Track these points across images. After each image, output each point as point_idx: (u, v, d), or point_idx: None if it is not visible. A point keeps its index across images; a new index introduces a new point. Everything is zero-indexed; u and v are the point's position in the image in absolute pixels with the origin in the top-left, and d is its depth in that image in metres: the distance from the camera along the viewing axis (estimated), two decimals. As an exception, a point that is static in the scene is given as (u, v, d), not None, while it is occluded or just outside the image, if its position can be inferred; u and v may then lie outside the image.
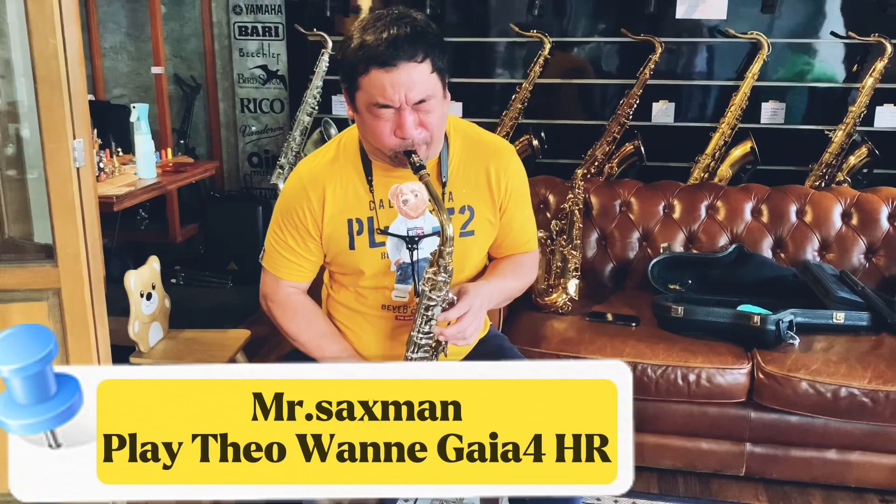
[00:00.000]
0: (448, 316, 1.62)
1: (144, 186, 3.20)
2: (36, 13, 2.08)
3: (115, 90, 4.71)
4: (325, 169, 1.74)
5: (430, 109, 1.56)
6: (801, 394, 2.44)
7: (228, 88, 4.51)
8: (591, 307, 2.88)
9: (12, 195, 2.52)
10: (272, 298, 1.82)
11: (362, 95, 1.56)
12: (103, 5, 4.61)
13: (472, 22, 3.97)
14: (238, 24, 4.35)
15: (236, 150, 4.55)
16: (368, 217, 1.72)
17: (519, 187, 1.81)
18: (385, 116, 1.55)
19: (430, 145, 1.62)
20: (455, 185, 1.74)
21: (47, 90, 2.13)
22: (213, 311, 3.95)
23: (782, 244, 3.04)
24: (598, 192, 3.18)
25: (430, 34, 1.55)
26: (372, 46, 1.50)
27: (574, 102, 3.97)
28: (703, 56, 3.78)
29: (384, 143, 1.59)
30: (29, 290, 2.26)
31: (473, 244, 1.78)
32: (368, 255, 1.73)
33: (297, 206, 1.73)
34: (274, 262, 1.80)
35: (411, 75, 1.51)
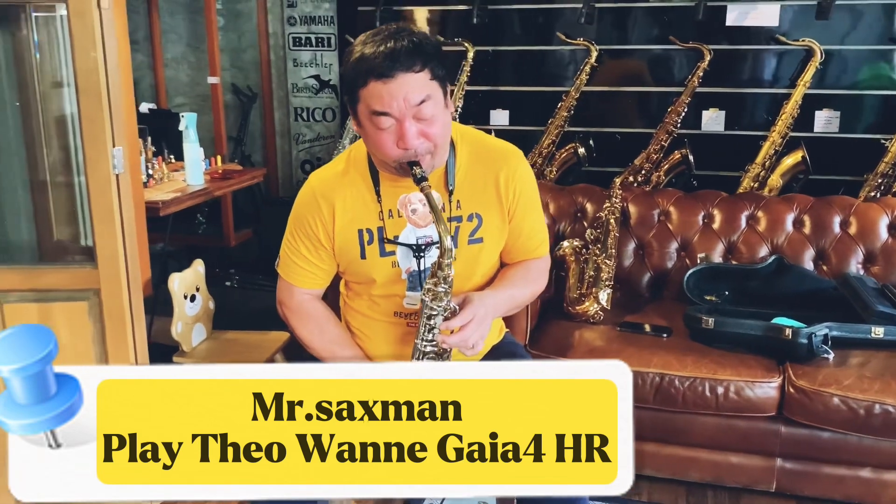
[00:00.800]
0: (450, 325, 1.63)
1: (191, 192, 3.31)
2: (78, 27, 2.20)
3: (176, 99, 4.89)
4: (335, 180, 1.78)
5: (430, 117, 1.58)
6: (832, 409, 2.38)
7: (283, 98, 4.63)
8: (624, 317, 2.86)
9: (61, 200, 2.66)
10: (286, 304, 1.88)
11: (363, 108, 1.59)
12: (166, 17, 4.79)
13: (518, 30, 3.98)
14: (292, 35, 4.47)
15: (290, 158, 4.67)
16: (378, 227, 1.75)
17: (527, 192, 1.81)
18: (386, 127, 1.58)
19: (434, 155, 1.64)
20: (463, 193, 1.76)
21: (88, 100, 2.25)
22: (262, 314, 4.04)
23: (824, 256, 2.97)
24: (636, 200, 3.16)
25: (428, 45, 1.58)
26: (370, 59, 1.54)
27: (621, 110, 3.94)
28: (755, 64, 3.71)
29: (387, 154, 1.61)
30: (71, 291, 2.38)
31: (482, 251, 1.79)
32: (379, 263, 1.77)
33: (309, 216, 1.78)
34: (288, 270, 1.85)
35: (409, 83, 1.54)
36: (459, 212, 1.76)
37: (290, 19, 4.45)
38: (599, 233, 3.01)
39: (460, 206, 1.76)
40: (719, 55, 3.63)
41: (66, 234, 2.70)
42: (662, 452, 2.61)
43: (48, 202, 2.69)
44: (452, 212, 1.75)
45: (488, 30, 3.96)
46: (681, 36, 3.67)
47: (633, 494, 2.63)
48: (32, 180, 2.69)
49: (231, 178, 3.62)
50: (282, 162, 4.70)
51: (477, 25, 3.92)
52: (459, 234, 1.76)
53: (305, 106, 4.56)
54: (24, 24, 2.59)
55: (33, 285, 2.39)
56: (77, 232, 2.66)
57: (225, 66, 4.68)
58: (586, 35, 3.78)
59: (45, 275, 2.40)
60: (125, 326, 2.42)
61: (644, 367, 2.52)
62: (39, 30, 2.59)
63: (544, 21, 3.92)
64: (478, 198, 1.77)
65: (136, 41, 4.75)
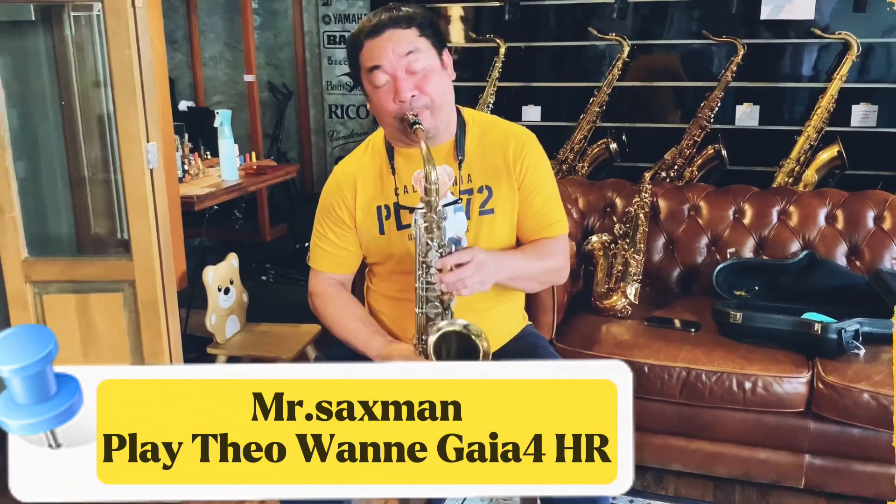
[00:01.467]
0: (446, 261, 1.59)
1: (226, 188, 3.38)
2: (113, 25, 2.27)
3: (214, 97, 4.99)
4: (355, 165, 1.89)
5: (422, 70, 1.69)
6: (861, 405, 2.35)
7: (318, 95, 4.69)
8: (653, 312, 2.85)
9: (98, 195, 2.74)
10: (315, 292, 1.93)
11: (363, 74, 1.72)
12: (204, 17, 4.88)
13: (550, 26, 3.98)
14: (327, 33, 4.53)
15: (324, 154, 4.73)
16: (395, 202, 1.82)
17: (536, 168, 1.84)
18: (382, 83, 1.69)
19: (433, 112, 1.72)
20: (473, 167, 1.82)
21: (122, 97, 2.32)
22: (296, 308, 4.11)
23: (858, 252, 2.92)
24: (666, 195, 3.14)
25: (420, 14, 1.71)
26: (363, 25, 1.71)
27: (655, 105, 3.92)
28: (790, 57, 3.66)
29: (387, 109, 1.70)
30: (107, 282, 2.46)
31: (493, 222, 1.83)
32: (397, 237, 1.83)
33: (334, 201, 1.88)
34: (316, 258, 1.93)
35: (396, 36, 1.67)
36: (470, 184, 1.81)
37: (324, 18, 4.51)
38: (628, 227, 3.01)
39: (471, 178, 1.82)
40: (753, 49, 3.59)
41: (104, 228, 2.78)
42: (690, 447, 2.60)
43: (86, 197, 2.78)
44: (463, 184, 1.80)
45: (520, 26, 3.96)
46: (714, 30, 3.64)
47: (659, 489, 2.63)
48: (72, 176, 2.78)
49: (265, 173, 3.68)
50: (316, 158, 4.77)
51: (509, 21, 3.93)
52: (471, 205, 1.81)
53: (340, 103, 4.61)
54: (64, 23, 2.67)
55: (71, 276, 2.47)
56: (114, 226, 2.74)
57: (261, 64, 4.76)
58: (619, 30, 3.76)
59: (82, 266, 2.48)
60: (159, 317, 2.48)
61: (671, 362, 2.52)
62: (78, 29, 2.67)
63: (576, 16, 3.92)
64: (488, 171, 1.82)
65: (175, 41, 4.85)
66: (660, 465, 2.65)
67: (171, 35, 4.68)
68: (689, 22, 3.75)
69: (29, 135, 2.66)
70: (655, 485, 2.65)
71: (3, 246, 2.45)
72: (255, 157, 3.91)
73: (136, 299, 2.45)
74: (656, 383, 2.53)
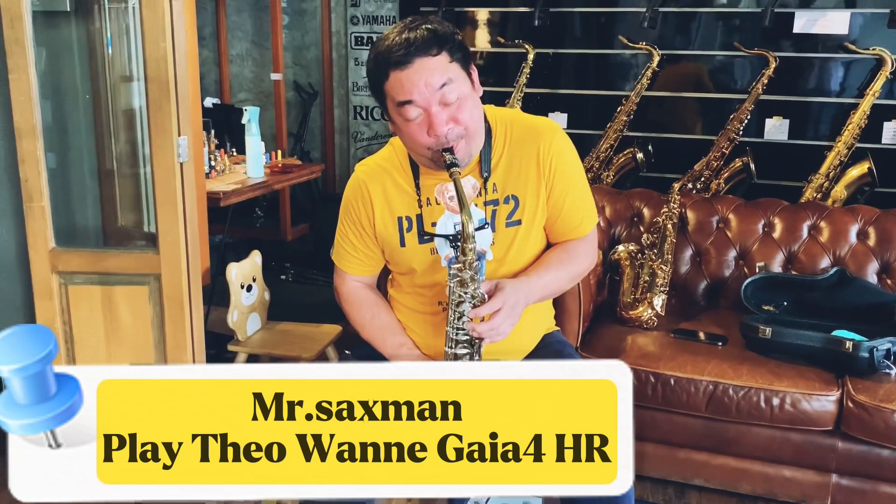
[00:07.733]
0: (478, 313, 1.60)
1: (251, 185, 3.38)
2: (149, 17, 2.26)
3: (239, 94, 4.99)
4: (378, 169, 1.82)
5: (456, 101, 1.60)
6: (892, 426, 2.31)
7: (343, 96, 4.68)
8: (679, 324, 2.82)
9: (126, 188, 2.73)
10: (339, 291, 1.92)
11: (390, 103, 1.62)
12: (232, 15, 4.89)
13: (580, 33, 3.97)
14: (355, 34, 4.52)
15: (348, 155, 4.72)
16: (417, 214, 1.78)
17: (566, 165, 1.78)
18: (414, 117, 1.60)
19: (467, 140, 1.65)
20: (499, 176, 1.76)
21: (156, 90, 2.31)
22: (316, 308, 4.11)
23: (889, 269, 2.88)
24: (695, 207, 3.11)
25: (445, 32, 1.59)
26: (387, 52, 1.57)
27: (683, 116, 3.90)
28: (822, 72, 3.63)
29: (420, 143, 1.63)
30: (132, 275, 2.45)
31: (520, 233, 1.78)
32: (419, 251, 1.79)
33: (355, 202, 1.83)
34: (340, 257, 1.90)
35: (427, 67, 1.56)
36: (496, 195, 1.76)
37: (353, 18, 4.50)
38: (656, 238, 2.98)
39: (496, 188, 1.76)
40: (785, 62, 3.56)
41: (130, 221, 2.77)
42: (713, 462, 2.56)
43: (114, 189, 2.78)
44: (489, 195, 1.76)
45: (549, 32, 3.95)
46: (746, 42, 3.61)
47: (681, 503, 2.59)
48: (100, 169, 2.78)
49: (290, 172, 3.68)
50: (340, 159, 4.76)
51: (538, 27, 3.92)
52: (497, 217, 1.76)
53: (365, 104, 4.61)
54: (97, 15, 2.67)
55: (97, 268, 2.47)
56: (140, 219, 2.74)
57: (288, 63, 4.76)
58: (649, 39, 3.75)
59: (108, 258, 2.47)
60: (183, 311, 2.47)
61: (698, 375, 2.48)
62: (112, 21, 2.66)
63: (606, 24, 3.90)
64: (514, 180, 1.77)
65: (202, 37, 4.86)
66: (682, 479, 2.62)
67: (199, 31, 4.69)
68: (718, 33, 3.72)
69: (60, 125, 2.66)
70: (677, 499, 2.62)
71: (31, 235, 2.45)
72: (280, 156, 3.90)
73: (161, 293, 2.44)
74: (682, 396, 2.50)
